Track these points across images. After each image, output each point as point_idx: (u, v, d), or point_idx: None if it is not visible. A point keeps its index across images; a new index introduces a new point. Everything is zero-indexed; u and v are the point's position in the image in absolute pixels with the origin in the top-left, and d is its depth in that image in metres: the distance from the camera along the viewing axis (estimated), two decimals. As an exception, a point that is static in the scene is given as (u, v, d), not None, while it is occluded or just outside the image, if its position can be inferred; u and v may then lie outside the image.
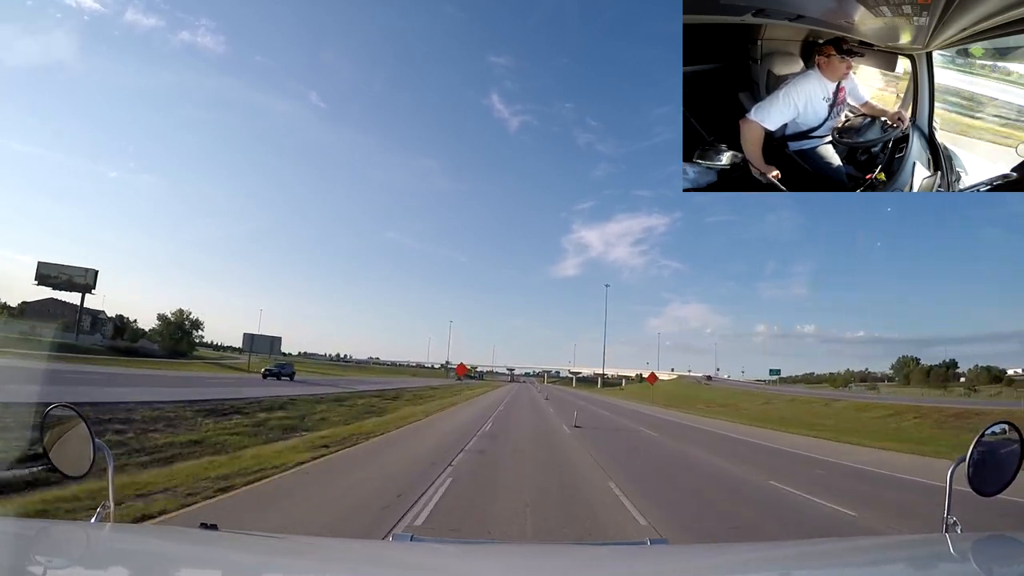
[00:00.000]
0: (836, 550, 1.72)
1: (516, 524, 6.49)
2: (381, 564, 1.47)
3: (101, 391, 18.03)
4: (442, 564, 1.50)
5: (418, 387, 52.55)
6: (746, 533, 6.71)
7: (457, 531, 6.09)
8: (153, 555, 1.34)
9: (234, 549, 1.51)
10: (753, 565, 1.56)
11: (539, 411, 31.52)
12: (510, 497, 7.97)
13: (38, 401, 11.57)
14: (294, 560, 1.44)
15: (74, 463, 1.61)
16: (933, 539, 1.61)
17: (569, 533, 6.25)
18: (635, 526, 6.73)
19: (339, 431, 15.06)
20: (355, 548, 1.96)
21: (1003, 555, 1.42)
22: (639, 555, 1.66)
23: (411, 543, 1.63)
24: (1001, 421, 1.63)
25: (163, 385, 24.81)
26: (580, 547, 2.55)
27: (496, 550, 2.06)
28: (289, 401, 23.52)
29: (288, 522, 6.01)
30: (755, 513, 7.98)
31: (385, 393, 37.21)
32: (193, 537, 1.53)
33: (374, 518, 6.41)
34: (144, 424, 13.17)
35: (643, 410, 41.82)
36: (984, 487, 1.54)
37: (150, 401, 16.71)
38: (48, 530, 1.61)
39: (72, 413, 1.65)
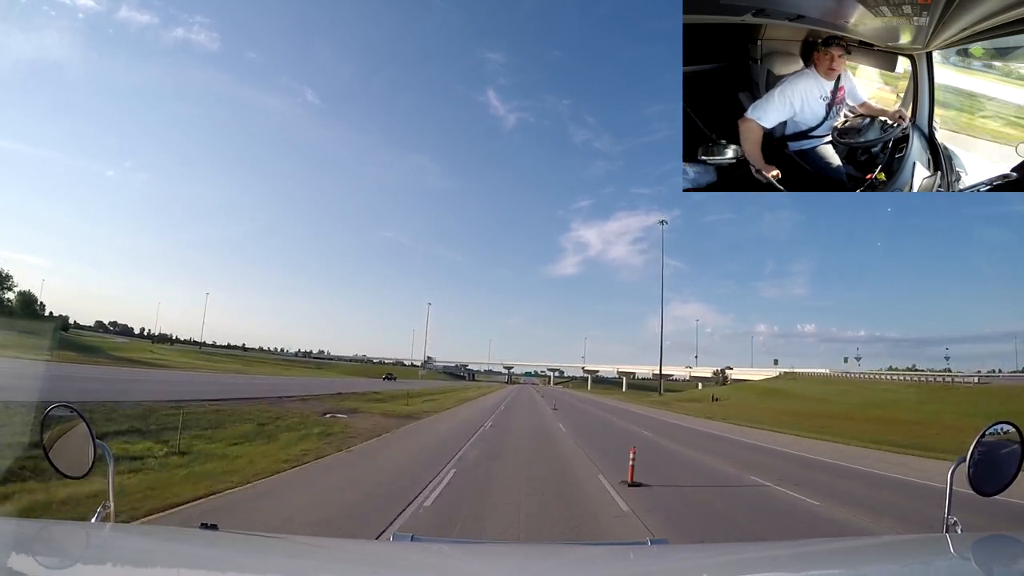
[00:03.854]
0: (836, 550, 1.72)
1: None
2: (381, 564, 1.47)
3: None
4: (442, 564, 1.50)
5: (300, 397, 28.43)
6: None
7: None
8: (153, 555, 1.34)
9: (234, 549, 1.51)
10: (753, 565, 1.56)
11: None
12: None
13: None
14: (294, 560, 1.44)
15: (74, 463, 1.61)
16: (933, 539, 1.61)
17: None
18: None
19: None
20: (355, 548, 1.96)
21: (1003, 555, 1.42)
22: (639, 555, 1.65)
23: (411, 543, 1.63)
24: (1001, 421, 1.62)
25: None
26: (580, 547, 2.55)
27: (496, 550, 2.06)
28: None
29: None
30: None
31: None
32: (193, 537, 1.53)
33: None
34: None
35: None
36: (984, 487, 1.54)
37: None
38: (48, 530, 1.61)
39: (72, 413, 1.65)
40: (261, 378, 51.77)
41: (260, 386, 35.07)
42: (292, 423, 17.08)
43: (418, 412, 24.75)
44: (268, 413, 19.23)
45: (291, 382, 48.99)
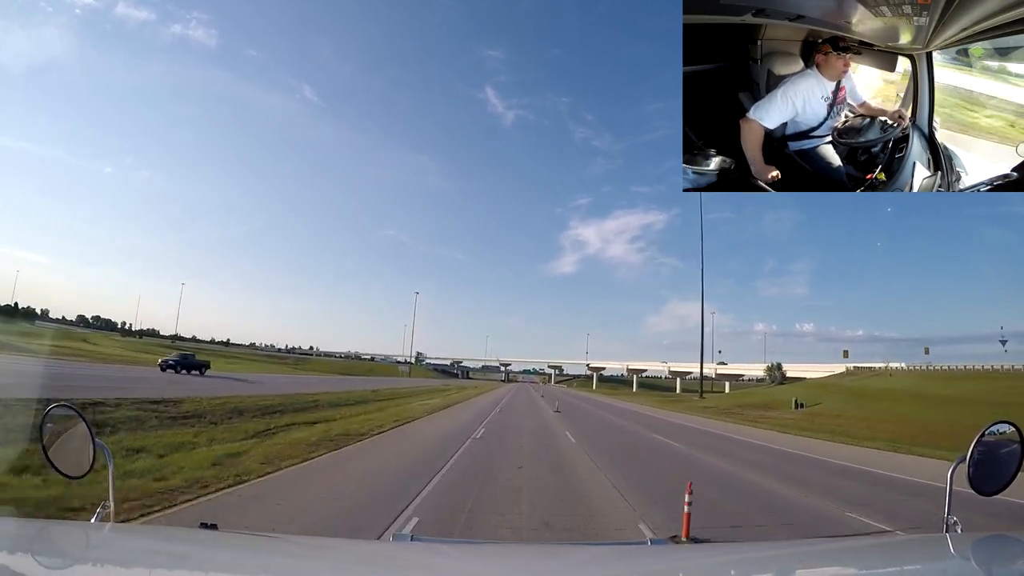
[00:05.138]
0: (836, 550, 1.72)
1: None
2: (381, 564, 1.47)
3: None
4: (442, 564, 1.50)
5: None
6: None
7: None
8: (153, 555, 1.34)
9: (234, 549, 1.51)
10: (753, 565, 1.56)
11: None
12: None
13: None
14: (294, 560, 1.44)
15: (74, 463, 1.60)
16: (933, 539, 1.61)
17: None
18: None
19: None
20: (355, 548, 1.96)
21: (1003, 555, 1.42)
22: (639, 555, 1.65)
23: (411, 543, 1.63)
24: (1001, 421, 1.62)
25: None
26: (580, 547, 2.55)
27: (496, 550, 2.07)
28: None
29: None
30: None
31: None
32: (193, 537, 1.53)
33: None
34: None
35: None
36: (984, 487, 1.54)
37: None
38: (48, 530, 1.61)
39: (72, 413, 1.64)
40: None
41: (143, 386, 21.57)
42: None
43: (363, 429, 14.77)
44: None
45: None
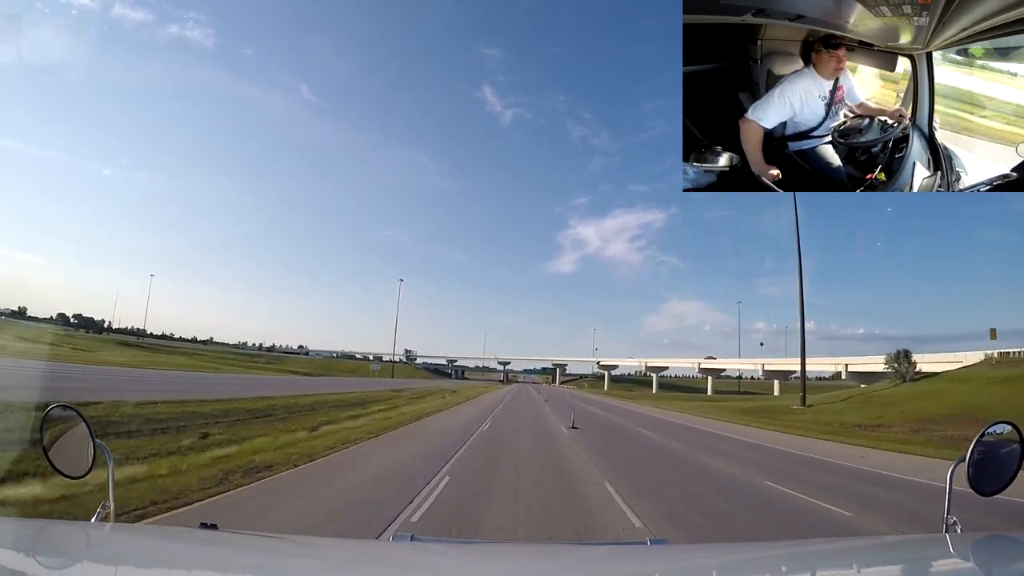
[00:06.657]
0: (836, 550, 1.72)
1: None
2: (381, 564, 1.47)
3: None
4: (442, 564, 1.50)
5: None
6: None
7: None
8: (153, 555, 1.34)
9: (234, 549, 1.51)
10: (753, 565, 1.56)
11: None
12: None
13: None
14: (294, 560, 1.44)
15: (74, 463, 1.60)
16: (933, 539, 1.61)
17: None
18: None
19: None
20: (355, 548, 1.95)
21: (1003, 555, 1.42)
22: (639, 555, 1.65)
23: (411, 543, 1.62)
24: (1001, 421, 1.62)
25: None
26: (580, 547, 2.54)
27: (496, 550, 2.06)
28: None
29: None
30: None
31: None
32: (193, 537, 1.53)
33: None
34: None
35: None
36: (984, 487, 1.54)
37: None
38: (48, 530, 1.61)
39: (72, 413, 1.64)
40: (119, 370, 36.38)
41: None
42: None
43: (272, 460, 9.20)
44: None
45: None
